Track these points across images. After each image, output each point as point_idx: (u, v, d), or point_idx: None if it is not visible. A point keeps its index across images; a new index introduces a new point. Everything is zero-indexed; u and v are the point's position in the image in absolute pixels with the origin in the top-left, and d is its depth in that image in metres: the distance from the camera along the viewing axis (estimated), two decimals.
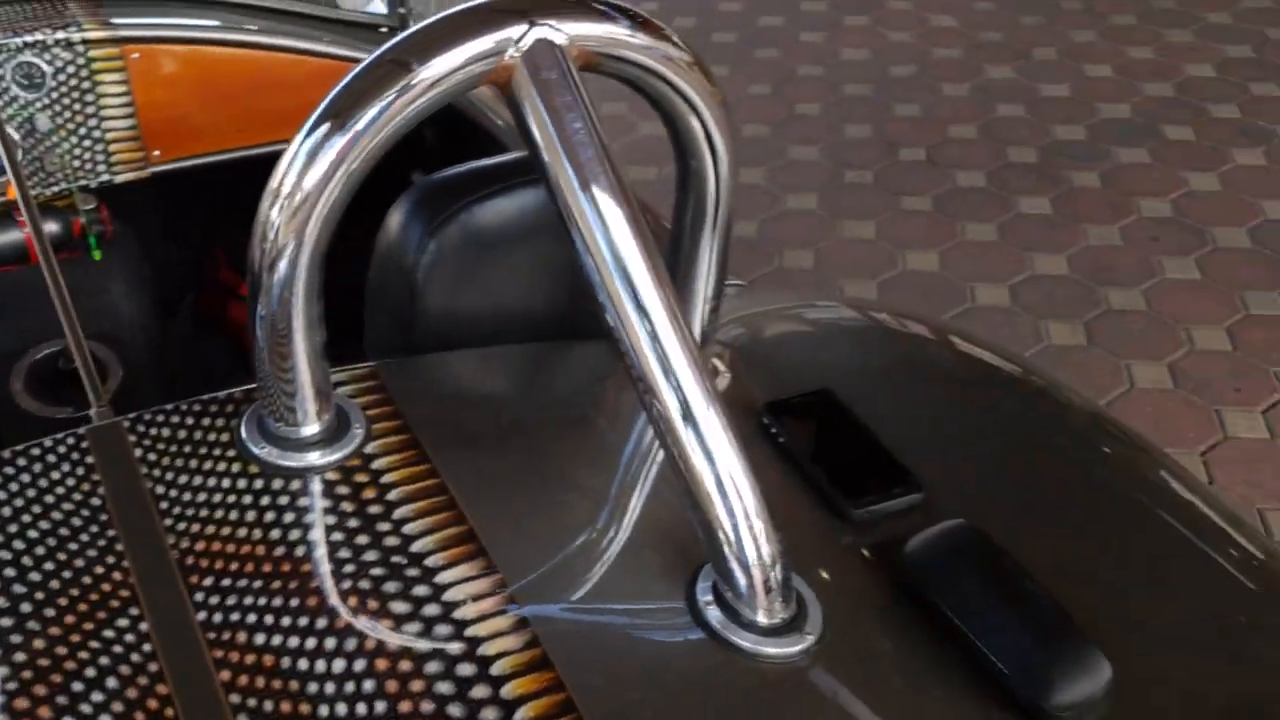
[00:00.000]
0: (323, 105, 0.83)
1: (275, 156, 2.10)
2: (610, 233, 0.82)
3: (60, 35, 1.76)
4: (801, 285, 3.19)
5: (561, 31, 0.84)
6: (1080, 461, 1.10)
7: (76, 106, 1.80)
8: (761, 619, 0.82)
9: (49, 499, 0.87)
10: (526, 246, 1.08)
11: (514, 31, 0.82)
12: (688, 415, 0.82)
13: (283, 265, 0.84)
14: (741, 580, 0.82)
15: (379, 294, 1.11)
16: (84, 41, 1.77)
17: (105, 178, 1.87)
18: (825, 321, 1.34)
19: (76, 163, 1.84)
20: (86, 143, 1.83)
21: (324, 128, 0.82)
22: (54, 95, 1.78)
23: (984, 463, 1.05)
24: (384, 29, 2.02)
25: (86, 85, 1.79)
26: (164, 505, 0.87)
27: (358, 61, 2.03)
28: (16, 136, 1.78)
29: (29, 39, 1.74)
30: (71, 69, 1.78)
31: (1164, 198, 3.48)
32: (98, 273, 1.98)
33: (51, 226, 1.91)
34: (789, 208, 3.52)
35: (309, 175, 0.82)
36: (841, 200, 3.54)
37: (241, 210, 2.39)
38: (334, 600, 0.81)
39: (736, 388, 1.10)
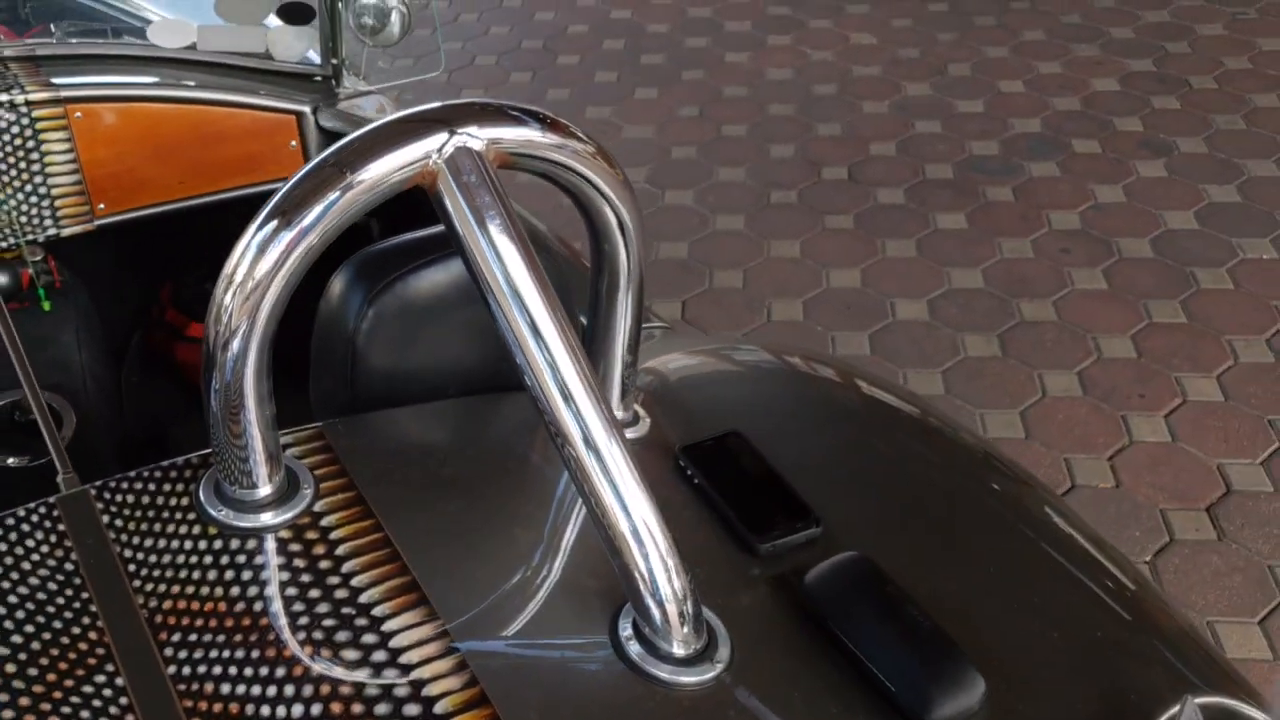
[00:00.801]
0: (271, 203, 0.92)
1: (217, 205, 2.18)
2: (529, 313, 0.92)
3: (4, 97, 1.82)
4: (731, 306, 3.31)
5: (478, 138, 0.93)
6: (968, 496, 1.21)
7: (22, 164, 1.86)
8: (677, 650, 0.92)
9: (25, 565, 0.95)
10: (456, 311, 1.18)
11: (436, 141, 0.92)
12: (602, 469, 0.92)
13: (236, 344, 0.93)
14: (657, 615, 0.92)
15: (323, 357, 1.20)
16: (27, 103, 1.83)
17: (52, 231, 1.93)
18: (739, 365, 1.44)
19: (24, 218, 1.90)
20: (34, 199, 1.89)
21: (272, 224, 0.91)
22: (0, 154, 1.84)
23: (879, 498, 1.16)
24: (318, 78, 2.10)
25: (31, 144, 1.86)
26: (131, 568, 0.95)
27: (292, 113, 2.11)
28: None
29: None
30: (16, 129, 1.84)
31: (1073, 210, 3.65)
32: (49, 323, 2.04)
33: (0, 279, 1.97)
34: (718, 228, 3.64)
35: (260, 265, 0.91)
36: (768, 220, 3.67)
37: (184, 255, 2.46)
38: (292, 650, 0.90)
39: (656, 430, 1.20)
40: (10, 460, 1.93)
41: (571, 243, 1.96)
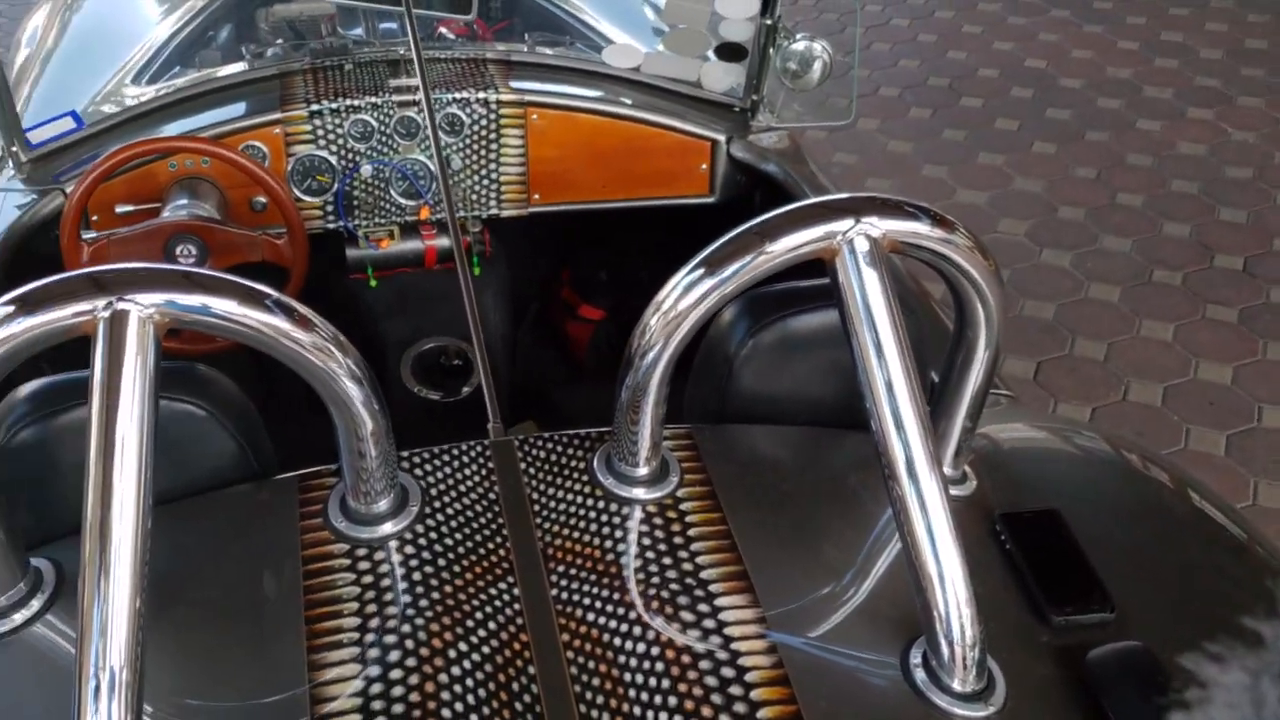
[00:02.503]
0: (703, 254, 1.13)
1: (630, 210, 2.46)
2: (888, 373, 1.08)
3: (481, 95, 2.18)
4: (1087, 378, 3.28)
5: (877, 228, 1.11)
6: (1265, 613, 1.25)
7: (484, 153, 2.22)
8: (958, 686, 1.06)
9: (461, 487, 1.23)
10: (819, 354, 1.36)
11: (843, 225, 1.10)
12: (924, 516, 1.07)
13: (650, 355, 1.16)
14: (946, 652, 1.06)
15: (703, 371, 1.41)
16: (499, 102, 2.19)
17: (494, 211, 2.29)
18: (1073, 448, 1.53)
19: (474, 196, 2.27)
20: (486, 182, 2.25)
21: (700, 271, 1.12)
22: (468, 141, 2.21)
23: (1177, 600, 1.23)
24: (736, 110, 2.34)
25: (493, 137, 2.21)
26: (536, 506, 1.21)
27: (709, 140, 2.36)
28: (434, 169, 2.22)
29: (458, 95, 2.17)
30: (485, 122, 2.20)
31: None
32: (475, 285, 2.41)
33: (444, 242, 2.35)
34: (1090, 296, 3.61)
35: (682, 301, 1.13)
36: (1145, 298, 3.59)
37: (589, 246, 2.79)
38: (643, 599, 1.12)
39: (980, 493, 1.33)
40: (432, 395, 2.31)
41: (932, 294, 2.08)
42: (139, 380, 0.97)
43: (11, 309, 1.00)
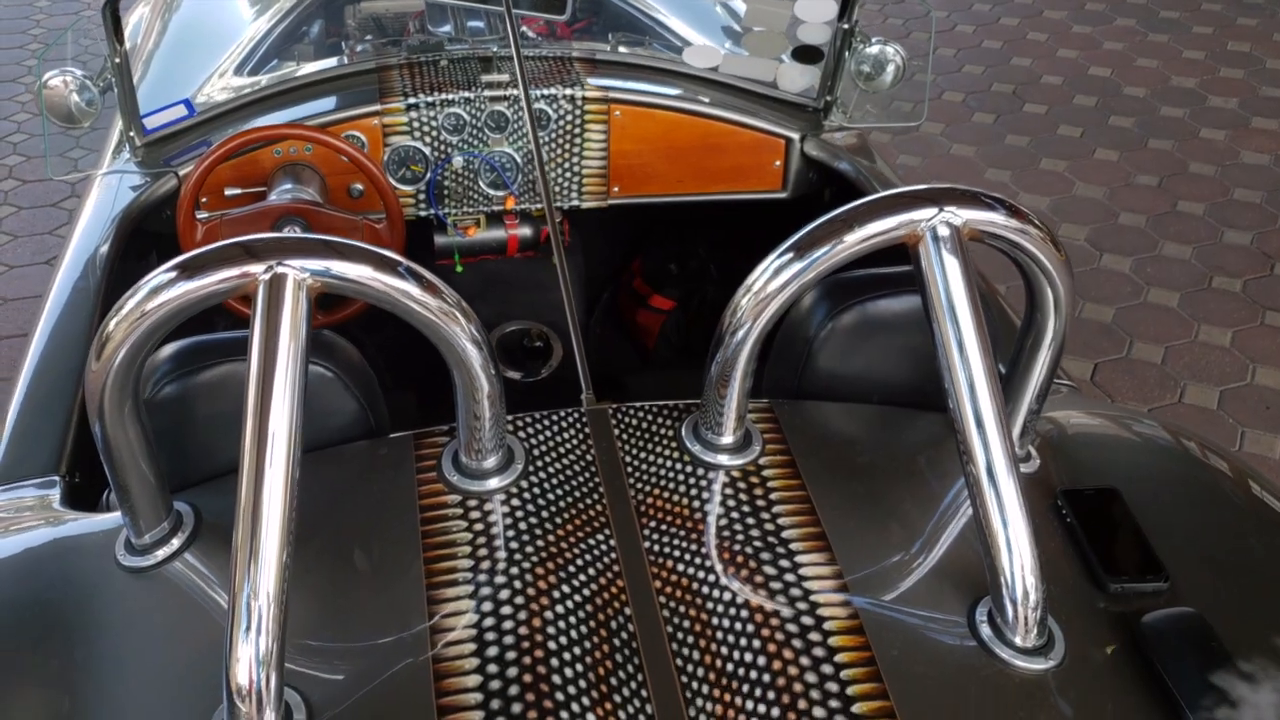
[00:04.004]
0: (793, 239, 1.23)
1: (701, 205, 2.57)
2: (966, 356, 1.17)
3: (568, 91, 2.29)
4: (1144, 379, 3.33)
5: (958, 216, 1.20)
6: None
7: (568, 146, 2.34)
8: (1019, 641, 1.15)
9: (560, 450, 1.33)
10: (896, 337, 1.45)
11: (926, 214, 1.19)
12: (994, 488, 1.16)
13: (739, 334, 1.26)
14: (1010, 611, 1.15)
15: (783, 351, 1.51)
16: (584, 98, 2.30)
17: (575, 202, 2.40)
18: (1133, 434, 1.61)
19: (556, 187, 2.38)
20: (568, 174, 2.36)
21: (789, 255, 1.22)
22: (553, 135, 2.33)
23: (1230, 573, 1.31)
24: (810, 110, 2.44)
25: (577, 131, 2.32)
26: (629, 469, 1.31)
27: (783, 138, 2.46)
28: (520, 161, 2.34)
29: (546, 91, 2.29)
30: (570, 117, 2.31)
31: None
32: (553, 273, 2.53)
33: (525, 231, 2.47)
34: (1149, 300, 3.65)
35: (771, 284, 1.23)
36: (1204, 303, 3.63)
37: (660, 240, 2.90)
38: (728, 555, 1.21)
39: (1044, 471, 1.41)
40: (514, 374, 2.43)
41: (999, 292, 2.16)
42: (293, 338, 1.09)
43: (175, 274, 1.12)
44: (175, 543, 1.25)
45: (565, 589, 1.17)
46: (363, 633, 1.15)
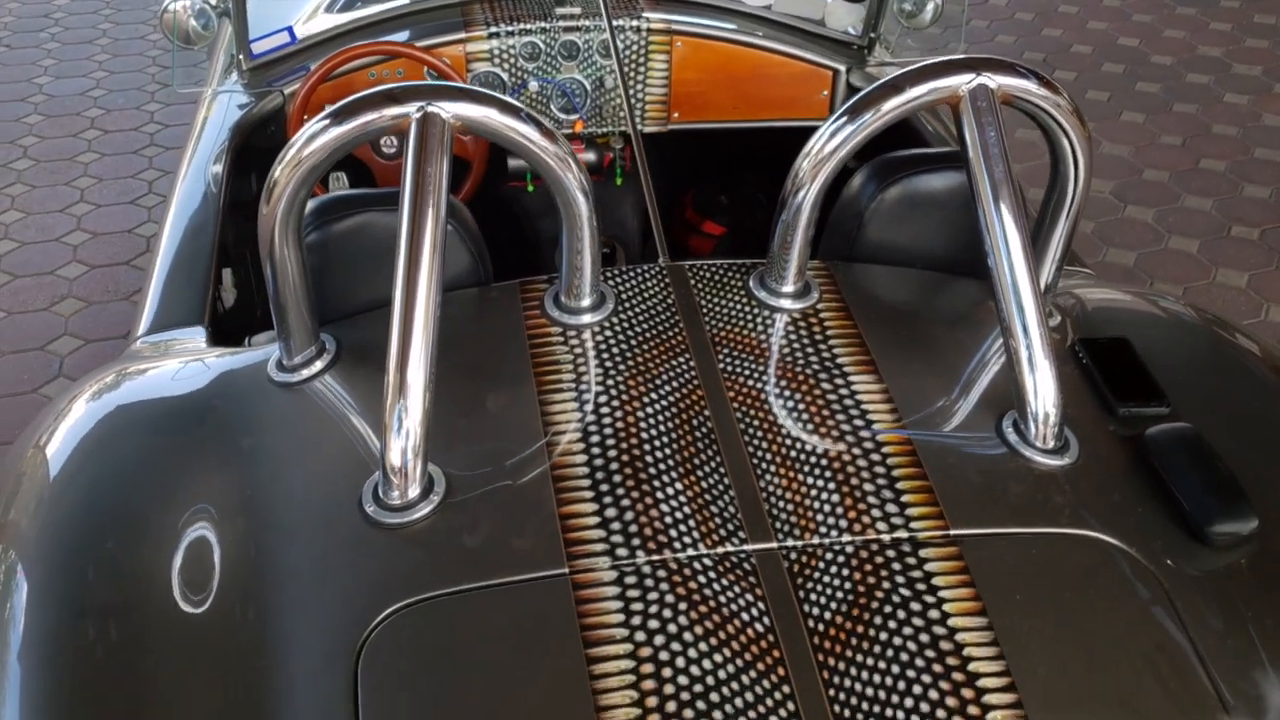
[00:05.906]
0: (848, 104, 1.44)
1: (757, 131, 2.79)
2: (1000, 201, 1.39)
3: (634, 23, 2.51)
4: None
5: (994, 79, 1.41)
6: None
7: (632, 74, 2.56)
8: (1040, 443, 1.36)
9: (642, 297, 1.55)
10: (937, 211, 1.67)
11: (965, 79, 1.41)
12: (1023, 326, 1.36)
13: (801, 193, 1.47)
14: (1032, 419, 1.36)
15: (836, 224, 1.73)
16: (648, 29, 2.52)
17: (638, 127, 2.61)
18: (1148, 303, 1.81)
19: (621, 114, 2.60)
20: (632, 101, 2.58)
21: (844, 119, 1.44)
22: (620, 63, 2.55)
23: (1222, 402, 1.52)
24: (854, 46, 2.65)
25: (641, 59, 2.54)
26: (704, 310, 1.53)
27: (830, 69, 2.67)
28: (589, 87, 2.56)
29: (615, 23, 2.51)
30: (635, 46, 2.53)
31: None
32: (616, 195, 2.75)
33: (590, 156, 2.70)
34: (1170, 247, 3.84)
35: (828, 145, 1.44)
36: (1223, 249, 3.82)
37: (712, 167, 3.12)
38: (790, 375, 1.43)
39: (1063, 325, 1.61)
40: None
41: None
42: (440, 169, 1.31)
43: (328, 121, 1.34)
44: (319, 364, 1.48)
45: (654, 395, 1.39)
46: (488, 429, 1.38)
